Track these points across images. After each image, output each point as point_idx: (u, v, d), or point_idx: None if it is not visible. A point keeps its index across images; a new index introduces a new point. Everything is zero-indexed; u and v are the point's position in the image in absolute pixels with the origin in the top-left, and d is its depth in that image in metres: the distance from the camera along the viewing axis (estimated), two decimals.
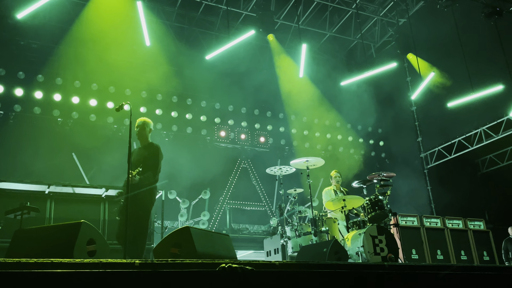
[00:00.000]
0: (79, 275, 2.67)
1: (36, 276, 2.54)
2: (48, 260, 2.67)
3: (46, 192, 6.77)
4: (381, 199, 7.29)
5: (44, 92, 10.83)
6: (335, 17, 13.82)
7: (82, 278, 2.68)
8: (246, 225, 12.54)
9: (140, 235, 5.41)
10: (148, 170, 5.68)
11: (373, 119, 14.57)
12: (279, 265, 3.49)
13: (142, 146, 6.06)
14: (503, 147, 13.60)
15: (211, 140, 12.86)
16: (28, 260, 2.61)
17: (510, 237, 10.61)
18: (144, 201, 5.60)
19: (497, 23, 11.13)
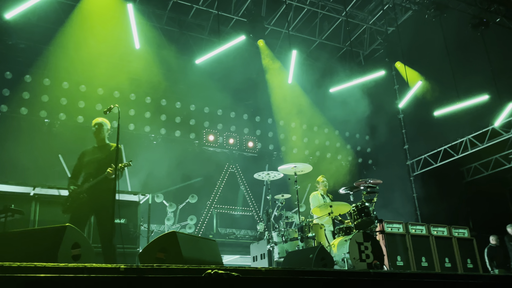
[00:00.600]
0: (63, 280, 2.65)
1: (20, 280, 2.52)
2: (32, 264, 2.64)
3: (31, 194, 6.70)
4: (368, 206, 7.33)
5: (31, 92, 10.73)
6: (325, 24, 13.91)
7: (66, 283, 2.66)
8: (233, 230, 12.53)
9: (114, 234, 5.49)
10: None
11: (361, 126, 14.67)
12: (265, 272, 3.49)
13: (99, 146, 6.05)
14: (488, 156, 13.78)
15: (199, 144, 12.84)
16: (11, 264, 2.58)
17: (492, 245, 10.75)
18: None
19: (484, 34, 11.29)
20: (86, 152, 6.05)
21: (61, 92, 11.01)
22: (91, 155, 5.97)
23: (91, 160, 5.88)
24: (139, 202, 7.57)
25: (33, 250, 3.45)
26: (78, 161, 6.03)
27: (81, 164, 5.97)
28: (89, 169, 5.83)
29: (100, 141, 6.05)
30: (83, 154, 6.05)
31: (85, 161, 5.92)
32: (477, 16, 11.43)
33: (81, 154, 6.07)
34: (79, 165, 6.00)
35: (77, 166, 6.01)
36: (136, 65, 11.65)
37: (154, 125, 12.12)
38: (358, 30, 14.17)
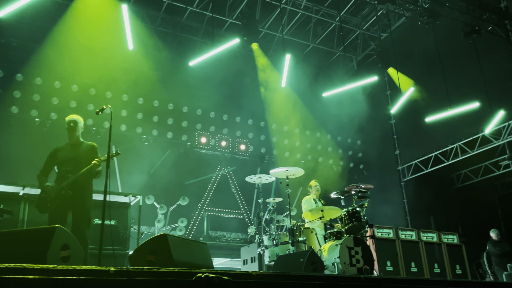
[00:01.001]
0: (52, 282, 2.62)
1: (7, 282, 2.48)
2: (20, 265, 2.61)
3: (20, 194, 6.62)
4: (359, 211, 7.35)
5: (22, 91, 10.64)
6: (319, 29, 13.97)
7: (55, 285, 2.63)
8: (223, 233, 12.50)
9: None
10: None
11: (353, 130, 14.73)
12: (256, 276, 3.48)
13: (73, 144, 5.93)
14: (478, 163, 13.91)
15: (191, 146, 12.81)
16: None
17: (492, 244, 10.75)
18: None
19: (476, 42, 11.41)
20: (60, 149, 5.93)
21: (53, 91, 10.92)
22: (66, 152, 5.86)
23: (68, 158, 5.78)
24: (129, 203, 7.52)
25: (22, 251, 3.41)
26: (50, 158, 5.90)
27: (54, 161, 5.86)
28: (66, 166, 5.71)
29: (75, 139, 5.94)
30: (56, 151, 5.93)
31: (60, 159, 5.81)
32: (469, 24, 11.55)
33: (54, 151, 5.95)
34: (51, 162, 5.88)
35: (48, 163, 5.89)
36: (129, 66, 11.61)
37: (146, 126, 12.07)
38: (352, 35, 14.25)
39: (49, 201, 5.51)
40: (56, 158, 5.86)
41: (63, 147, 5.96)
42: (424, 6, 11.61)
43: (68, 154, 5.81)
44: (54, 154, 5.91)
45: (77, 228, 5.40)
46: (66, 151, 5.87)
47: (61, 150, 5.91)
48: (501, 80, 12.04)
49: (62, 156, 5.83)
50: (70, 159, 5.74)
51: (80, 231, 5.36)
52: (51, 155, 5.92)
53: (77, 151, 5.82)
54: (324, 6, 12.94)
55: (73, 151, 5.85)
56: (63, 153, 5.85)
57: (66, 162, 5.75)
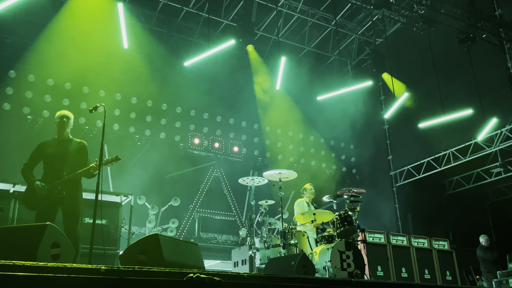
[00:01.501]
0: (42, 279, 2.59)
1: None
2: (10, 262, 2.58)
3: (10, 191, 6.57)
4: (351, 215, 7.36)
5: (15, 88, 10.56)
6: (314, 33, 14.01)
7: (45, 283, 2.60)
8: (214, 235, 12.46)
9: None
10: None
11: (346, 135, 14.77)
12: (247, 277, 3.47)
13: (62, 140, 5.77)
14: (470, 170, 13.97)
15: (184, 146, 12.77)
16: None
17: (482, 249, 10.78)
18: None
19: (470, 49, 11.48)
20: (48, 144, 5.74)
21: (46, 89, 10.85)
22: (55, 147, 5.67)
23: (56, 153, 5.61)
24: (121, 203, 7.48)
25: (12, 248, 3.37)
26: (37, 152, 5.69)
27: (40, 156, 5.67)
28: (55, 163, 5.55)
29: (65, 135, 5.78)
30: (44, 145, 5.73)
31: (48, 154, 5.62)
32: (464, 31, 11.62)
33: (41, 144, 5.74)
34: (37, 156, 5.68)
35: (35, 158, 5.69)
36: (123, 65, 11.57)
37: (139, 126, 12.02)
38: (347, 39, 14.31)
39: (40, 198, 5.39)
40: (43, 153, 5.67)
41: (51, 142, 5.78)
42: (419, 12, 11.68)
43: (57, 150, 5.63)
44: (41, 149, 5.72)
45: (70, 228, 5.30)
46: (55, 147, 5.69)
47: (49, 145, 5.72)
48: (494, 88, 12.12)
49: (51, 151, 5.65)
50: (60, 156, 5.58)
51: (73, 230, 5.27)
52: (39, 149, 5.72)
53: (67, 148, 5.67)
54: (320, 9, 12.98)
55: (62, 147, 5.68)
56: (52, 148, 5.67)
57: (55, 158, 5.59)
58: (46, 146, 5.72)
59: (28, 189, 5.52)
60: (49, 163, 5.61)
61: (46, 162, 5.64)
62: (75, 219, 5.40)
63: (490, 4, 12.54)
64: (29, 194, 5.47)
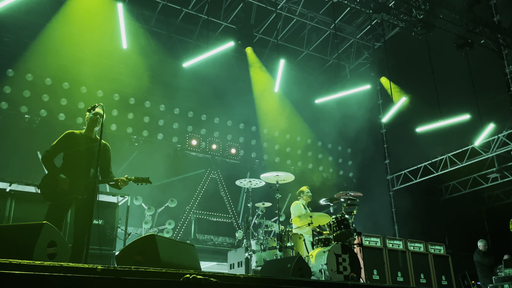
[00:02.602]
0: (38, 278, 2.58)
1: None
2: (6, 260, 2.57)
3: (7, 190, 6.54)
4: (347, 218, 7.37)
5: (13, 87, 10.54)
6: (313, 36, 14.04)
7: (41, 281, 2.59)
8: (211, 236, 12.44)
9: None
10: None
11: (344, 138, 14.80)
12: (243, 279, 3.46)
13: (91, 138, 5.53)
14: (467, 175, 14.02)
15: (181, 148, 12.76)
16: None
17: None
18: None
19: (468, 54, 11.53)
20: (75, 137, 5.42)
21: (44, 88, 10.83)
22: (84, 143, 5.38)
23: (85, 150, 5.31)
24: (117, 203, 7.46)
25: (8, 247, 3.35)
26: (63, 141, 5.38)
27: (65, 147, 5.35)
28: (82, 160, 5.28)
29: (94, 133, 5.53)
30: (72, 136, 5.42)
31: (76, 148, 5.31)
32: (462, 36, 11.67)
33: (70, 135, 5.42)
34: (62, 146, 5.37)
35: (59, 147, 5.37)
36: (121, 65, 11.56)
37: (137, 127, 12.01)
38: (346, 43, 14.35)
39: (60, 192, 5.13)
40: (69, 145, 5.36)
41: (79, 136, 5.48)
42: (418, 17, 11.72)
43: (85, 147, 5.35)
44: (69, 139, 5.41)
45: (81, 231, 5.12)
46: (84, 142, 5.40)
47: (77, 138, 5.42)
48: (492, 93, 12.18)
49: (79, 145, 5.35)
50: (88, 154, 5.31)
51: (83, 234, 5.05)
52: (66, 139, 5.41)
53: (94, 147, 5.30)
54: (319, 13, 13.01)
55: (91, 145, 5.39)
56: (79, 142, 5.38)
57: (82, 154, 5.32)
58: (75, 138, 5.43)
59: (49, 179, 5.23)
60: (74, 158, 5.32)
61: (71, 156, 5.35)
62: (89, 224, 5.22)
63: (488, 10, 12.62)
64: (48, 184, 5.22)
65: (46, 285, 2.60)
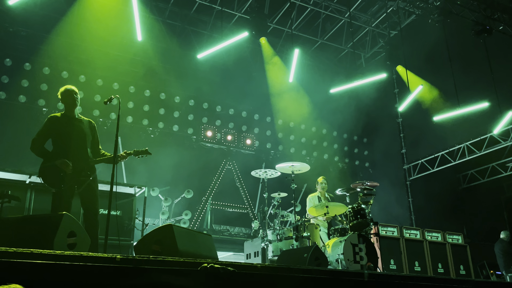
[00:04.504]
0: (59, 267, 2.63)
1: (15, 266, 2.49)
2: (28, 250, 2.62)
3: (26, 182, 6.65)
4: (364, 208, 7.34)
5: (30, 80, 10.68)
6: (328, 25, 13.90)
7: (61, 270, 2.64)
8: (227, 227, 12.51)
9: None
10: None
11: (359, 128, 14.70)
12: (260, 268, 3.48)
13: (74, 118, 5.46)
14: (485, 164, 13.83)
15: (197, 139, 12.82)
16: (7, 249, 2.56)
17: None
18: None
19: (486, 41, 11.32)
20: (59, 120, 5.35)
21: (60, 81, 10.89)
22: (67, 126, 5.31)
23: (71, 132, 5.24)
24: (135, 194, 7.55)
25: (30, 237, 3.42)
26: (48, 128, 5.31)
27: (51, 133, 5.30)
28: (75, 139, 5.23)
29: (75, 113, 5.47)
30: (55, 120, 5.34)
31: (60, 131, 5.26)
32: (480, 23, 11.45)
33: (52, 119, 5.34)
34: (48, 133, 5.31)
35: (45, 134, 5.30)
36: (136, 58, 11.64)
37: (152, 119, 12.09)
38: (361, 32, 14.17)
39: (63, 177, 5.08)
40: (54, 130, 5.31)
41: (60, 119, 5.39)
42: (435, 4, 11.53)
43: (72, 128, 5.30)
44: (52, 124, 5.33)
45: (92, 215, 5.14)
46: (66, 124, 5.34)
47: (61, 122, 5.35)
48: (511, 80, 11.95)
49: (64, 129, 5.30)
50: (77, 133, 5.24)
51: (95, 218, 5.13)
52: (51, 123, 5.33)
53: (81, 127, 5.34)
54: (333, 2, 12.86)
55: (75, 125, 5.34)
56: (65, 125, 5.32)
57: (72, 135, 5.26)
58: (59, 121, 5.35)
59: (47, 165, 5.16)
60: (65, 139, 5.25)
61: (61, 138, 5.28)
62: (97, 207, 5.22)
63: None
64: (48, 170, 5.13)
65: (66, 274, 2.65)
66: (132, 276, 2.89)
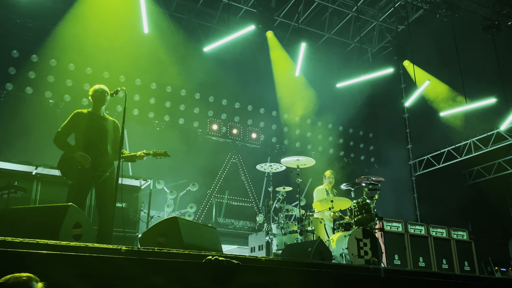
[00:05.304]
0: (64, 258, 2.65)
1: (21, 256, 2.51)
2: (34, 240, 2.64)
3: (33, 173, 6.69)
4: (369, 203, 7.33)
5: (37, 72, 10.71)
6: (335, 19, 13.82)
7: (67, 261, 2.65)
8: (232, 220, 12.54)
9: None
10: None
11: (365, 123, 14.64)
12: (265, 261, 3.49)
13: (100, 116, 5.56)
14: (491, 160, 13.76)
15: (202, 132, 12.82)
16: (13, 239, 2.58)
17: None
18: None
19: (495, 36, 11.22)
20: (84, 116, 5.45)
21: (67, 73, 10.97)
22: (94, 122, 5.41)
23: (96, 129, 5.31)
24: (140, 187, 7.57)
25: (35, 227, 3.44)
26: (73, 122, 5.39)
27: (75, 128, 5.36)
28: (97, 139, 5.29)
29: (102, 111, 5.54)
30: (81, 116, 5.43)
31: (87, 127, 5.34)
32: (488, 18, 11.35)
33: (78, 115, 5.43)
34: (72, 127, 5.38)
35: (70, 127, 5.38)
36: (143, 50, 11.63)
37: (158, 112, 12.11)
38: (368, 26, 14.08)
39: (80, 170, 5.13)
40: (78, 125, 5.38)
41: (87, 114, 5.49)
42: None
43: (96, 125, 5.38)
44: (79, 118, 5.42)
45: (108, 211, 5.06)
46: (94, 121, 5.43)
47: (86, 118, 5.44)
48: None
49: (89, 125, 5.39)
50: (102, 132, 5.32)
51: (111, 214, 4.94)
52: (76, 118, 5.41)
53: (105, 125, 5.38)
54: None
55: (100, 123, 5.41)
56: (90, 122, 5.41)
57: (95, 132, 5.34)
58: (84, 117, 5.44)
59: (67, 157, 5.22)
60: (87, 136, 5.34)
61: (84, 134, 5.35)
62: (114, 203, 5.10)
63: None
64: (67, 163, 5.20)
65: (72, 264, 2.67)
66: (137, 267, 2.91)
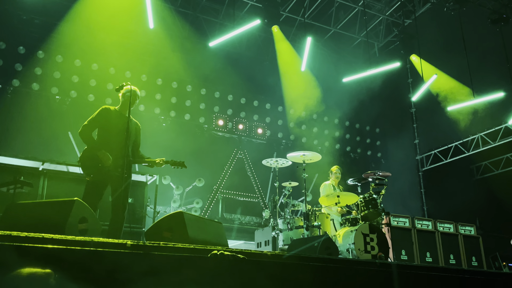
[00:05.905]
0: (70, 252, 2.65)
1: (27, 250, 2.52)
2: (40, 235, 2.64)
3: (40, 168, 6.72)
4: (375, 198, 7.31)
5: (43, 68, 10.74)
6: (341, 14, 13.74)
7: (72, 255, 2.65)
8: (238, 216, 12.55)
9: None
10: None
11: (372, 118, 14.57)
12: (271, 256, 3.48)
13: (124, 115, 5.43)
14: (499, 155, 13.65)
15: (208, 128, 12.82)
16: (19, 234, 2.58)
17: None
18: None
19: (503, 30, 11.11)
20: (112, 113, 5.43)
21: (73, 69, 11.00)
22: (120, 121, 5.32)
23: (122, 128, 5.16)
24: (146, 182, 7.59)
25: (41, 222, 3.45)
26: (101, 117, 5.38)
27: (101, 123, 5.35)
28: (120, 137, 5.18)
29: (127, 111, 5.30)
30: (108, 112, 5.41)
31: (112, 124, 5.33)
32: (497, 11, 11.24)
33: (106, 110, 5.43)
34: (98, 122, 5.35)
35: (96, 122, 5.35)
36: (149, 46, 11.63)
37: (164, 107, 12.11)
38: (374, 21, 13.99)
39: (100, 168, 5.13)
40: (104, 121, 5.36)
41: (114, 112, 5.48)
42: None
43: (121, 126, 5.23)
44: (105, 114, 5.41)
45: (120, 211, 5.11)
46: (117, 120, 5.38)
47: (113, 115, 5.43)
48: None
49: (115, 124, 5.35)
50: (122, 131, 5.16)
51: (122, 214, 5.11)
52: (103, 114, 5.40)
53: (130, 126, 5.22)
54: None
55: (124, 122, 5.23)
56: (117, 120, 5.38)
57: (118, 131, 5.26)
58: (110, 114, 5.43)
59: (90, 153, 5.22)
60: (110, 134, 5.32)
61: (107, 132, 5.35)
62: (126, 203, 5.22)
63: None
64: (89, 158, 5.20)
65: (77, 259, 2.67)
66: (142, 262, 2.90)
